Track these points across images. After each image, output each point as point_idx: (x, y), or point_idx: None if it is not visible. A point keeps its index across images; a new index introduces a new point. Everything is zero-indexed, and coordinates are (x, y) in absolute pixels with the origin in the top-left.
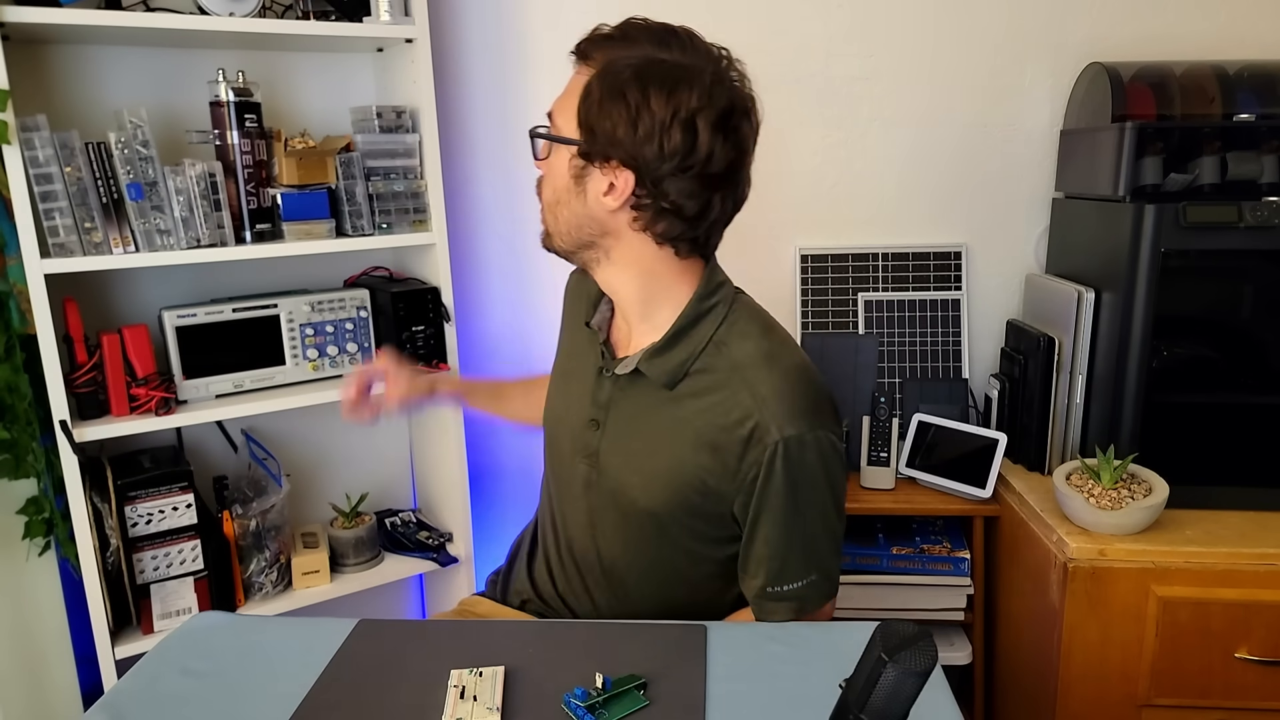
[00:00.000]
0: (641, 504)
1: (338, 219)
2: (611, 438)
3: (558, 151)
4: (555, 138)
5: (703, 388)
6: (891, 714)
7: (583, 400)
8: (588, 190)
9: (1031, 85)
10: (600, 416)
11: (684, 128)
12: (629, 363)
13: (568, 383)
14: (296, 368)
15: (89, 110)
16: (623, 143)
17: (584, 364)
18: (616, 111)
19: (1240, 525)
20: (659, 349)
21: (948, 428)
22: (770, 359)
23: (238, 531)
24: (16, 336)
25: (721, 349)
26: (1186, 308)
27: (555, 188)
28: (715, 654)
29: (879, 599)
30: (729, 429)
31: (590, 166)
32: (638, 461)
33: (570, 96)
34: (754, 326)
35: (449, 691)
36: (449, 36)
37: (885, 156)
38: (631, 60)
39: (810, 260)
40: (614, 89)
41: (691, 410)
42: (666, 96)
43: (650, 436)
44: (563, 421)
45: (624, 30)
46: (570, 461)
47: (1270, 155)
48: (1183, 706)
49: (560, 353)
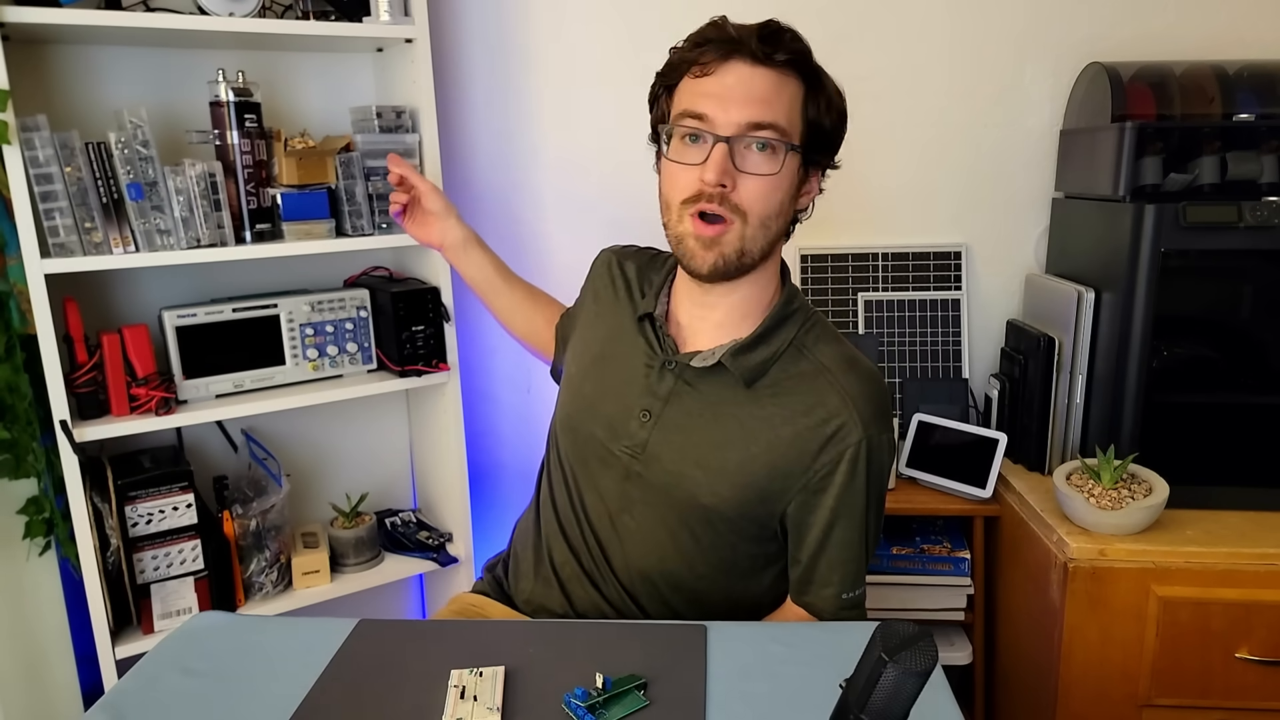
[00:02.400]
0: (703, 499)
1: (338, 219)
2: (668, 429)
3: (789, 162)
4: (798, 147)
5: (784, 388)
6: (892, 714)
7: (631, 389)
8: (798, 197)
9: (1031, 85)
10: (655, 408)
11: (844, 122)
12: (709, 356)
13: (604, 369)
14: (296, 368)
15: (89, 110)
16: (835, 143)
17: (629, 351)
18: (837, 114)
19: (1240, 525)
20: (746, 346)
21: (948, 428)
22: (854, 362)
23: (238, 531)
24: (16, 336)
25: (803, 352)
26: (1186, 308)
27: (781, 200)
28: (715, 654)
29: (879, 599)
30: (812, 428)
31: (811, 170)
32: (702, 456)
33: (780, 99)
34: (830, 333)
35: (449, 691)
36: (449, 36)
37: (885, 156)
38: (808, 54)
39: (810, 260)
40: (828, 88)
41: (771, 409)
42: (838, 93)
43: (721, 432)
44: (595, 409)
45: (777, 26)
46: (602, 451)
47: (1270, 155)
48: (1183, 706)
49: (589, 337)
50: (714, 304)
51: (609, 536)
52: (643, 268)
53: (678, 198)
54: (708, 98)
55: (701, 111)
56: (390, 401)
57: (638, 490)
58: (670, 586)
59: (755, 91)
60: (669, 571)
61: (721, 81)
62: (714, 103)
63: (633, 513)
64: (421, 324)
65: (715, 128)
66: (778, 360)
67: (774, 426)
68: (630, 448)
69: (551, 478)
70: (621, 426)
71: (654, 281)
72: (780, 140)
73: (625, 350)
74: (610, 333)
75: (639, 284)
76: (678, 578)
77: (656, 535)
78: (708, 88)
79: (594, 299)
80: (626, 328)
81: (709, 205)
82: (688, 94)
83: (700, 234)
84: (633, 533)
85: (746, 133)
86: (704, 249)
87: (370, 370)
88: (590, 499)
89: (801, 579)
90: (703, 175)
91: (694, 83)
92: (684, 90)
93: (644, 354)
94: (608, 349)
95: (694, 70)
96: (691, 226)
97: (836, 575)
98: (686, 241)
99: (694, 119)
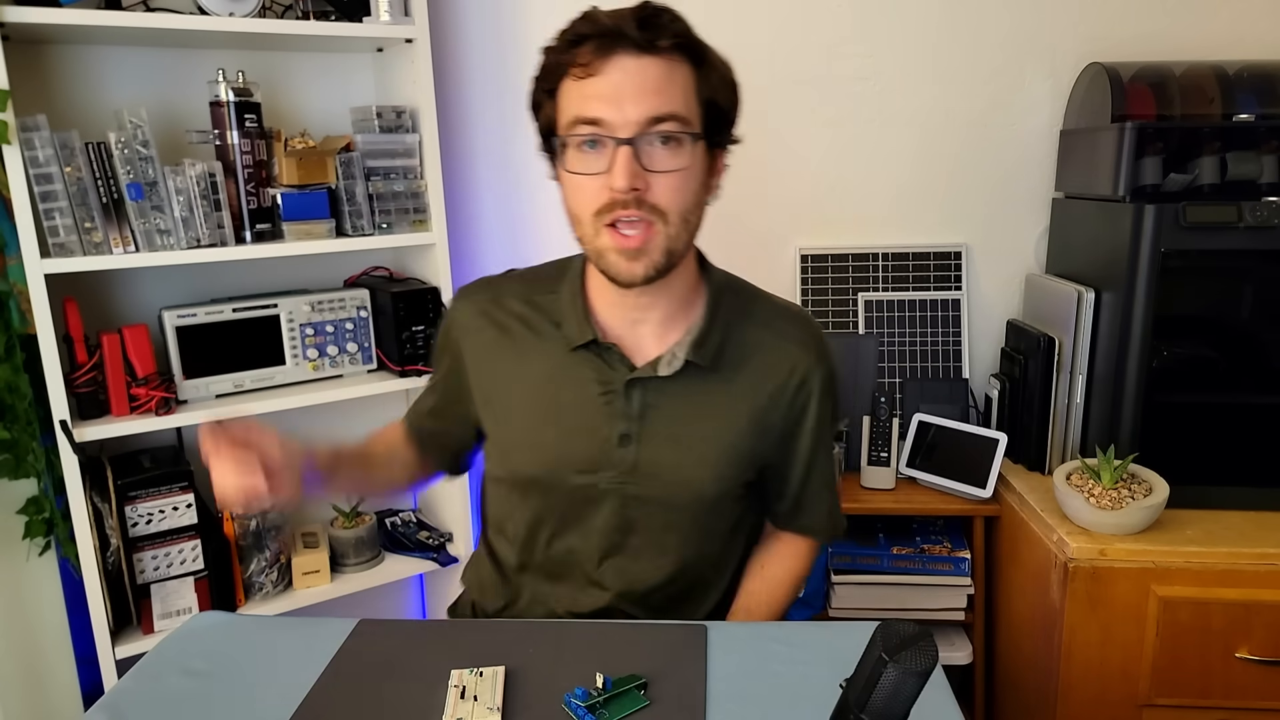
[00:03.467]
0: (709, 491)
1: (338, 219)
2: (656, 443)
3: (696, 149)
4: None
5: (744, 357)
6: (892, 714)
7: (596, 425)
8: (712, 183)
9: (1031, 85)
10: (633, 429)
11: (738, 93)
12: (672, 360)
13: (557, 413)
14: (296, 367)
15: (89, 110)
16: (734, 118)
17: (576, 385)
18: (730, 88)
19: (1240, 525)
20: (703, 334)
21: (948, 428)
22: (785, 310)
23: (238, 531)
24: (16, 336)
25: (746, 317)
26: (1186, 308)
27: (695, 191)
28: (715, 654)
29: (879, 599)
30: (783, 382)
31: (716, 152)
32: (699, 453)
33: (674, 87)
34: (752, 290)
35: (449, 691)
36: (449, 36)
37: (885, 157)
38: (691, 32)
39: (810, 260)
40: (716, 62)
41: (743, 381)
42: (726, 64)
43: (708, 423)
44: (565, 455)
45: (653, 9)
46: (584, 493)
47: (1270, 155)
48: (1183, 706)
49: (519, 389)
50: (651, 304)
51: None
52: (530, 299)
53: (588, 210)
54: (598, 99)
55: (595, 116)
56: (390, 401)
57: (638, 510)
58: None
59: (647, 84)
60: (685, 569)
61: (608, 80)
62: (606, 104)
63: (637, 533)
64: (421, 324)
65: (614, 130)
66: (730, 333)
67: (751, 396)
68: (620, 475)
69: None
70: (602, 459)
71: (560, 307)
72: (684, 131)
73: (571, 386)
74: (544, 374)
75: (543, 315)
76: (694, 573)
77: (665, 544)
78: (595, 89)
79: (490, 349)
80: (560, 364)
81: (625, 212)
82: (574, 98)
83: (623, 247)
84: (640, 552)
85: (647, 130)
86: (629, 261)
87: (370, 370)
88: (582, 544)
89: (791, 510)
90: (611, 183)
91: (579, 85)
92: (569, 94)
93: (594, 383)
94: (549, 392)
95: (575, 71)
96: (611, 240)
97: (825, 494)
98: (608, 256)
99: (588, 124)
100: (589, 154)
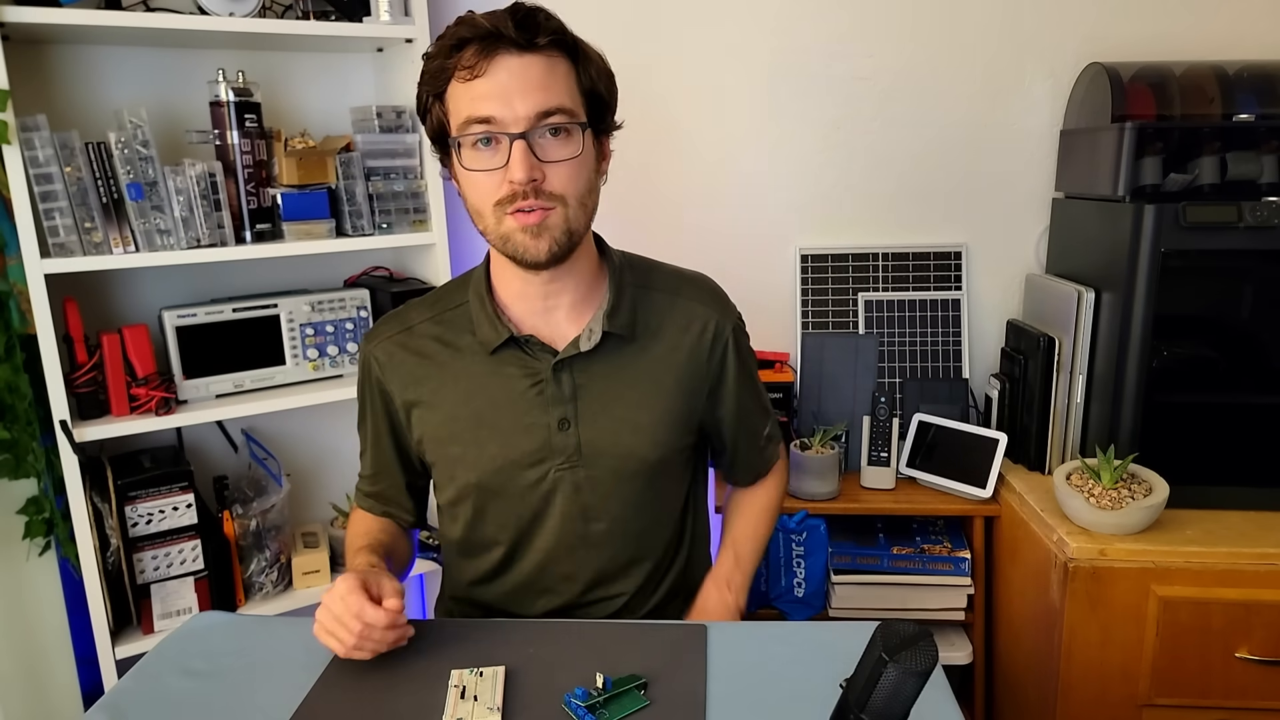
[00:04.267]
0: (650, 455)
1: (338, 219)
2: (591, 420)
3: (584, 137)
4: (588, 124)
5: (656, 324)
6: (892, 714)
7: (532, 418)
8: (602, 166)
9: (1031, 85)
10: (569, 413)
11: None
12: (590, 335)
13: (493, 421)
14: (297, 367)
15: (89, 110)
16: (614, 105)
17: (501, 386)
18: (607, 77)
19: (1240, 525)
20: (614, 306)
21: (948, 428)
22: (681, 274)
23: (238, 531)
24: (16, 336)
25: (648, 288)
26: (1186, 308)
27: (588, 177)
28: (715, 654)
29: (879, 599)
30: (696, 341)
31: (604, 140)
32: (633, 420)
33: (556, 81)
34: (647, 262)
35: (449, 691)
36: None
37: (885, 156)
38: (565, 29)
39: (810, 260)
40: (591, 55)
41: (660, 347)
42: (600, 56)
43: (636, 390)
44: (511, 459)
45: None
46: (533, 490)
47: (1270, 155)
48: (1183, 706)
49: (450, 412)
50: (561, 288)
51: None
52: (439, 318)
53: (489, 202)
54: (487, 99)
55: (486, 115)
56: None
57: (592, 493)
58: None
59: (531, 80)
60: (647, 538)
61: (494, 80)
62: (495, 102)
63: (599, 517)
64: None
65: (505, 126)
66: (636, 306)
67: (670, 360)
68: (566, 461)
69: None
70: (546, 449)
71: (470, 316)
72: (572, 121)
73: (497, 390)
74: (471, 384)
75: (455, 328)
76: (653, 539)
77: (627, 519)
78: (482, 89)
79: (413, 376)
80: (483, 370)
81: (525, 203)
82: (464, 99)
83: (526, 224)
84: (606, 532)
85: (537, 124)
86: (534, 238)
87: None
88: (542, 538)
89: (735, 459)
90: (510, 176)
91: (466, 86)
92: (457, 96)
93: (521, 377)
94: (480, 399)
95: (461, 74)
96: (515, 221)
97: (761, 432)
98: (515, 237)
99: (481, 123)
100: (484, 151)
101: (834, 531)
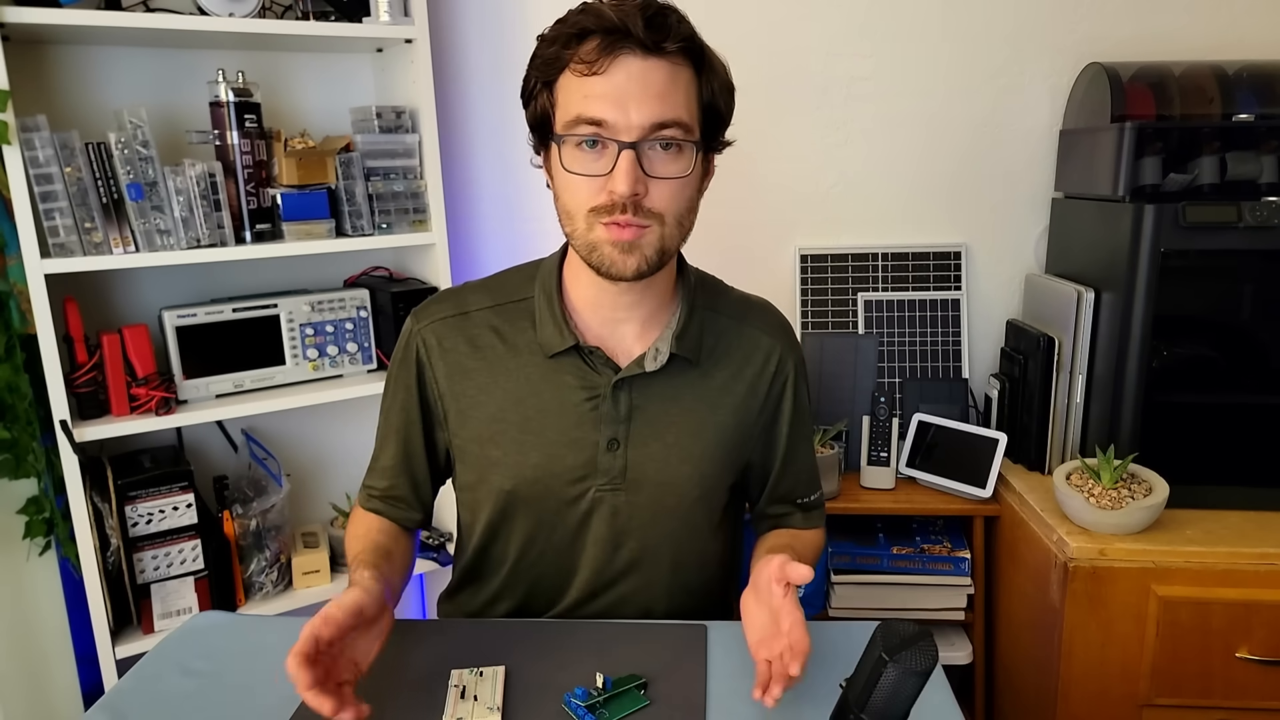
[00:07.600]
0: (694, 490)
1: (338, 219)
2: (643, 444)
3: (694, 155)
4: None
5: (721, 350)
6: (892, 714)
7: (581, 432)
8: (704, 185)
9: (1031, 85)
10: (620, 432)
11: (733, 95)
12: (657, 355)
13: (540, 428)
14: (296, 367)
15: (89, 110)
16: (729, 120)
17: (555, 394)
18: (728, 91)
19: (1240, 525)
20: (683, 327)
21: (948, 428)
22: (748, 300)
23: (238, 531)
24: (17, 336)
25: (716, 311)
26: (1186, 308)
27: (690, 196)
28: (715, 654)
29: (879, 599)
30: (759, 373)
31: (711, 156)
32: (686, 451)
33: (677, 92)
34: (714, 282)
35: (449, 691)
36: (449, 36)
37: (885, 156)
38: (695, 34)
39: (810, 260)
40: (716, 65)
41: (721, 375)
42: (724, 67)
43: (693, 419)
44: (552, 472)
45: (659, 7)
46: (570, 508)
47: (1269, 155)
48: (1183, 706)
49: (495, 409)
50: (637, 302)
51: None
52: (500, 307)
53: (583, 208)
54: (602, 100)
55: (598, 117)
56: None
57: (628, 519)
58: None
59: (652, 88)
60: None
61: (612, 81)
62: (610, 106)
63: (630, 543)
64: None
65: (616, 133)
66: (704, 329)
67: (730, 389)
68: (609, 482)
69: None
70: (590, 468)
71: (534, 313)
72: (686, 139)
73: (550, 397)
74: (520, 391)
75: (515, 323)
76: (687, 571)
77: (659, 548)
78: (598, 88)
79: (463, 366)
80: (538, 373)
81: (623, 217)
82: (576, 94)
83: (618, 239)
84: (637, 558)
85: (650, 135)
86: (624, 254)
87: (370, 370)
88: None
89: (769, 497)
90: (612, 187)
91: (581, 82)
92: (569, 89)
93: (577, 389)
94: (530, 404)
95: (577, 67)
96: (606, 233)
97: (800, 483)
98: (603, 249)
99: (590, 125)
100: (588, 154)
101: (834, 531)
